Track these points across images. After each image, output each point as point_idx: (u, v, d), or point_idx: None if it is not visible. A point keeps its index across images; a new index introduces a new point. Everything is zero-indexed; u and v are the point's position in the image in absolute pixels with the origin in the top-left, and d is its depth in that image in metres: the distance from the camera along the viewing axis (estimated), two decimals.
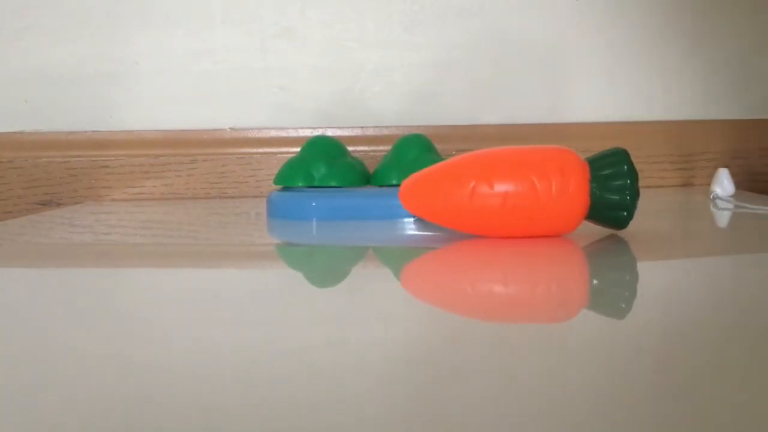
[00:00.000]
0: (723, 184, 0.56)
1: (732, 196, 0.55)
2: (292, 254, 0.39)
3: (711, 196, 0.55)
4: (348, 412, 0.15)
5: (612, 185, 0.33)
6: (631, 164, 0.34)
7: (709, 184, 0.59)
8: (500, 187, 0.33)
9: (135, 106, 0.70)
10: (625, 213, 0.34)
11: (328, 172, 0.48)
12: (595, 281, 0.29)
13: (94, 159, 0.68)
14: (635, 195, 0.34)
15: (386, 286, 0.29)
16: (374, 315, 0.24)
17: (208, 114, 0.70)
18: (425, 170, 0.36)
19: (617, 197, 0.33)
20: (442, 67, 0.71)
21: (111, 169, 0.68)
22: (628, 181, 0.33)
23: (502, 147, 0.35)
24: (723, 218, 0.48)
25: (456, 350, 0.19)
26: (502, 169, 0.33)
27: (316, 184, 0.48)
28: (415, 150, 0.49)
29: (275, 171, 0.70)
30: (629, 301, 0.25)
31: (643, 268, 0.31)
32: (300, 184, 0.48)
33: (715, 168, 0.59)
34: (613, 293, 0.26)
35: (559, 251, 0.33)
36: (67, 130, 0.68)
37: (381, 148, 0.69)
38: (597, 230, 0.36)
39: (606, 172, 0.33)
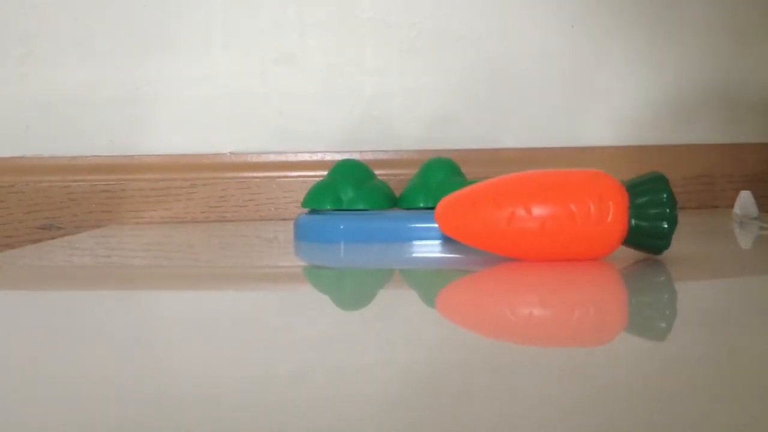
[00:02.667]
0: (746, 207, 0.55)
1: (755, 218, 0.54)
2: (320, 276, 0.39)
3: (737, 219, 0.54)
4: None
5: (651, 213, 0.33)
6: (670, 191, 0.33)
7: (730, 207, 0.58)
8: (538, 212, 0.33)
9: (135, 131, 0.70)
10: (663, 241, 0.34)
11: (356, 195, 0.48)
12: (633, 304, 0.29)
13: (94, 184, 0.68)
14: (674, 223, 0.33)
15: (420, 308, 0.29)
16: (406, 338, 0.24)
17: (208, 138, 0.70)
18: (461, 192, 0.36)
19: (656, 225, 0.33)
20: (445, 93, 0.72)
21: (111, 194, 0.68)
22: (667, 210, 0.33)
23: (539, 170, 0.35)
24: (750, 240, 0.48)
25: (488, 374, 0.19)
26: (541, 193, 0.33)
27: (344, 207, 0.48)
28: (442, 173, 0.50)
29: (274, 195, 0.70)
30: (669, 324, 0.25)
31: (681, 290, 0.31)
32: (328, 207, 0.48)
33: (736, 191, 0.58)
34: (651, 316, 0.26)
35: (596, 274, 0.33)
36: (68, 154, 0.69)
37: (380, 171, 0.69)
38: (632, 252, 0.36)
39: (644, 198, 0.33)
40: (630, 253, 0.36)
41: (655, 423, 0.14)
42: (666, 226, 0.33)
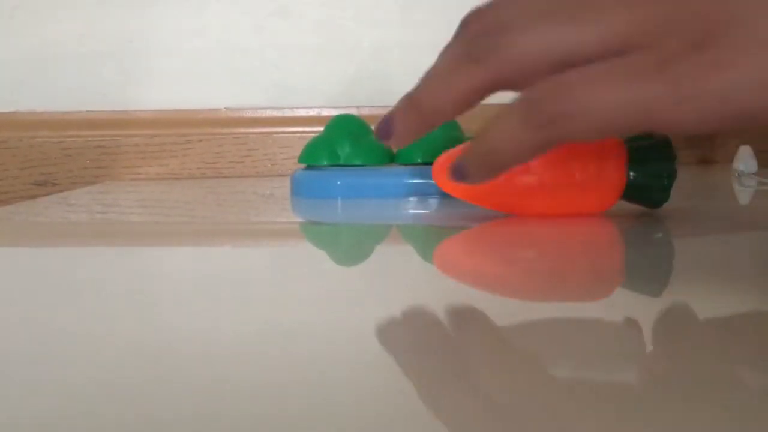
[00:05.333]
0: (746, 161, 0.55)
1: (755, 173, 0.54)
2: (317, 233, 0.39)
3: (736, 174, 0.54)
4: (362, 388, 0.15)
5: (650, 166, 0.33)
6: (669, 144, 0.33)
7: (729, 162, 0.58)
8: (537, 166, 0.32)
9: (129, 85, 0.69)
10: (662, 194, 0.33)
11: (353, 150, 0.48)
12: (630, 258, 0.29)
13: (89, 139, 0.68)
14: (673, 175, 0.33)
15: (418, 263, 0.29)
16: (404, 293, 0.24)
17: (203, 93, 0.70)
18: (459, 149, 0.35)
19: (655, 179, 0.33)
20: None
21: (106, 149, 0.68)
22: (666, 162, 0.33)
23: None
24: (748, 196, 0.48)
25: (486, 327, 0.19)
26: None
27: (341, 162, 0.48)
28: (439, 129, 0.49)
29: (270, 151, 0.70)
30: (665, 279, 0.25)
31: (678, 245, 0.31)
32: (325, 163, 0.48)
33: (735, 145, 0.58)
34: (648, 270, 0.26)
35: (594, 229, 0.33)
36: (62, 110, 0.68)
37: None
38: (630, 207, 0.36)
39: (644, 152, 0.33)
40: (627, 209, 0.36)
41: (650, 376, 0.14)
42: (666, 180, 0.33)
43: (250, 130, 0.70)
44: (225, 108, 0.70)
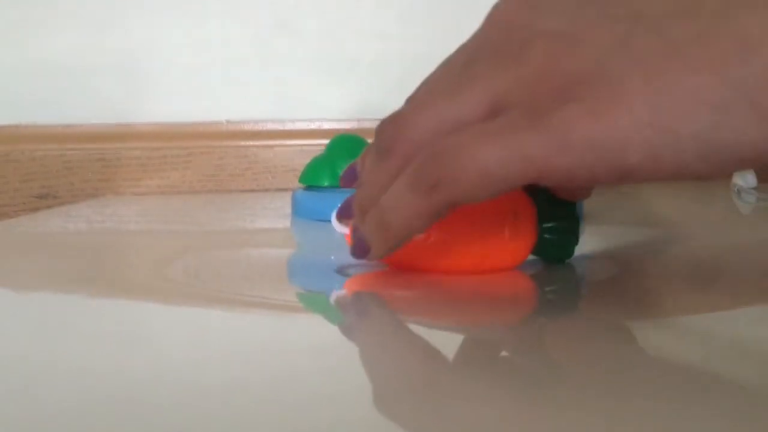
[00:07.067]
0: (745, 176, 0.55)
1: (754, 188, 0.54)
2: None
3: (735, 189, 0.54)
4: None
5: (559, 222, 0.32)
6: (573, 205, 0.33)
7: (728, 177, 0.57)
8: (454, 233, 0.31)
9: (131, 98, 0.69)
10: (570, 249, 0.33)
11: None
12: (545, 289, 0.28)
13: (90, 152, 0.68)
14: (580, 231, 0.33)
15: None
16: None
17: (204, 106, 0.70)
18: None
19: (565, 234, 0.32)
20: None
21: (108, 162, 0.68)
22: (574, 218, 0.32)
23: None
24: (747, 210, 0.48)
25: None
26: (457, 215, 0.31)
27: None
28: None
29: (272, 164, 0.70)
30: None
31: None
32: (326, 184, 0.47)
33: None
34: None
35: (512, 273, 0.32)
36: (63, 123, 0.68)
37: None
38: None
39: (551, 208, 0.32)
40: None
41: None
42: (574, 233, 0.32)
43: (251, 143, 0.70)
44: (226, 121, 0.70)
